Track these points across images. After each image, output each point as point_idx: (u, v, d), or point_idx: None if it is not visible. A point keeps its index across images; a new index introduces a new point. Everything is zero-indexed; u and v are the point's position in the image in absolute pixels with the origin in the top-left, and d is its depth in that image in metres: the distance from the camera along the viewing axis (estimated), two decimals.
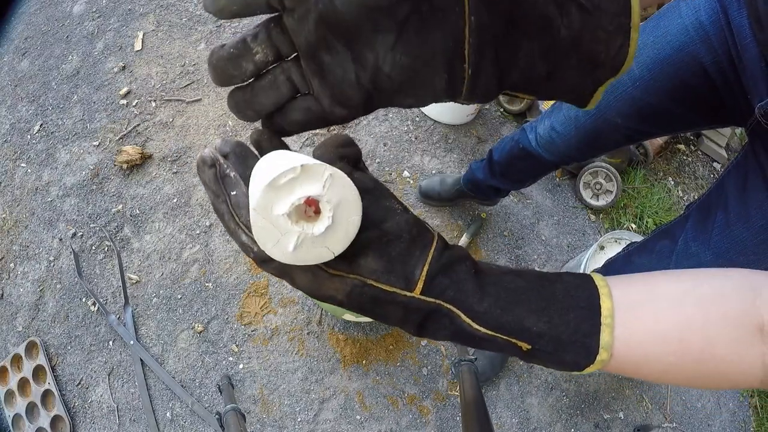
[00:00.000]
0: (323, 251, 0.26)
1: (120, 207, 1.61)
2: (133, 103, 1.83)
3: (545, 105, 1.69)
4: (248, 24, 2.07)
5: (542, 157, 1.03)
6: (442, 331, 0.30)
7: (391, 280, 0.28)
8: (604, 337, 0.29)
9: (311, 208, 0.26)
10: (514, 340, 0.30)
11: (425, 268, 0.29)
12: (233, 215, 0.28)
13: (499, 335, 0.30)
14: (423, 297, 0.29)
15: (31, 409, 1.35)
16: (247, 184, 0.29)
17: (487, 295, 0.30)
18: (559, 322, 0.29)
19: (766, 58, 0.54)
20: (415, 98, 0.29)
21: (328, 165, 0.25)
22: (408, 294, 0.29)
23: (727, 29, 0.60)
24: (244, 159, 0.30)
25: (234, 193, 0.28)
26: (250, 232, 0.27)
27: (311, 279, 0.28)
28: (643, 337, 0.30)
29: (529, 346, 0.30)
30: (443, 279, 0.29)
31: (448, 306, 0.29)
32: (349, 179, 0.26)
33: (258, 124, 0.32)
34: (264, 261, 0.28)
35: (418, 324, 0.30)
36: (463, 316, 0.29)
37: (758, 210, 0.60)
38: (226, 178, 0.29)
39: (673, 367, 0.30)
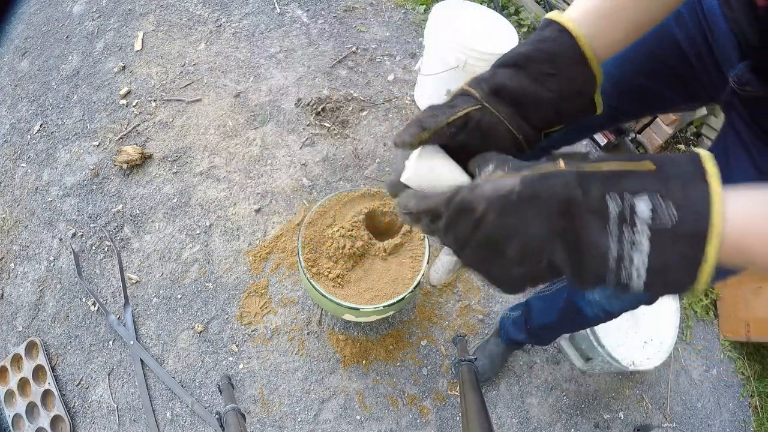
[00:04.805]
0: None
1: (120, 207, 1.61)
2: (133, 103, 1.83)
3: None
4: (255, 21, 2.07)
5: None
6: None
7: None
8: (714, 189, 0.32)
9: None
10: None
11: None
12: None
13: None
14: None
15: (31, 409, 1.35)
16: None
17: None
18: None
19: (736, 34, 0.58)
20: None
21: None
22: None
23: (699, 9, 0.65)
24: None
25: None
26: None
27: None
28: (754, 201, 0.34)
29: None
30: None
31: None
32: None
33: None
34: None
35: None
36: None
37: (740, 173, 0.63)
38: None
39: None
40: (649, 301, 0.87)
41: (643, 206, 0.32)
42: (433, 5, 1.90)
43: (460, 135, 0.43)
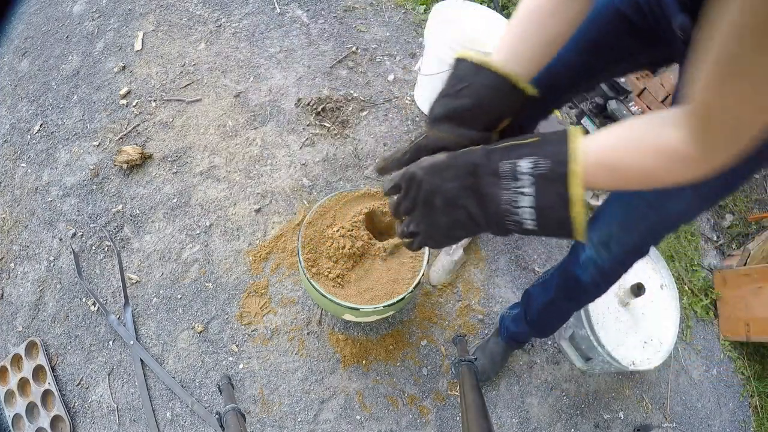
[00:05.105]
0: None
1: (120, 207, 1.61)
2: (133, 103, 1.83)
3: None
4: (257, 22, 2.07)
5: None
6: None
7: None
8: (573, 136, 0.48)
9: None
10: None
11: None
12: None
13: None
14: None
15: (31, 409, 1.35)
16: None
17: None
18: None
19: None
20: None
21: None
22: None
23: None
24: None
25: None
26: None
27: None
28: (605, 137, 0.49)
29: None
30: None
31: None
32: None
33: None
34: None
35: None
36: None
37: None
38: None
39: (629, 151, 0.48)
40: (637, 251, 0.87)
41: (525, 163, 0.48)
42: (433, 5, 1.90)
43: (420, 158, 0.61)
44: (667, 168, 0.47)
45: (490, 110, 0.61)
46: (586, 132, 0.51)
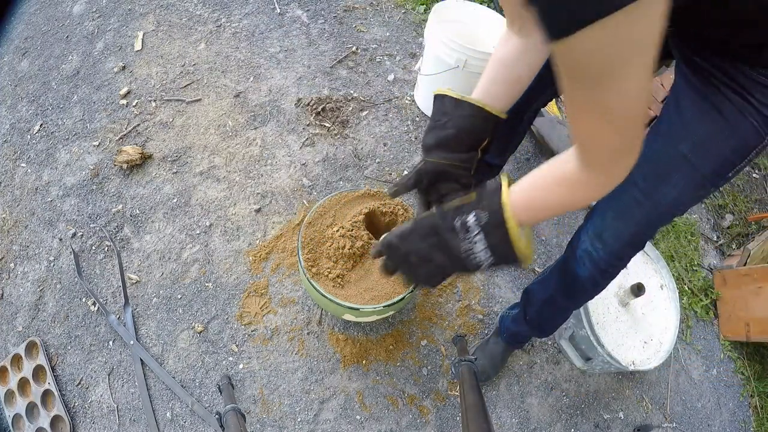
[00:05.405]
0: None
1: (120, 207, 1.61)
2: (133, 103, 1.83)
3: None
4: (256, 21, 2.07)
5: None
6: None
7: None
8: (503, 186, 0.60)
9: None
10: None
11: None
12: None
13: None
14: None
15: (31, 409, 1.35)
16: None
17: None
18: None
19: None
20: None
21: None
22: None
23: None
24: None
25: None
26: None
27: None
28: (525, 182, 0.60)
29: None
30: None
31: None
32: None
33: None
34: None
35: None
36: None
37: (690, 110, 0.75)
38: None
39: (543, 188, 0.59)
40: (633, 243, 0.88)
41: (471, 219, 0.59)
42: (433, 5, 1.90)
43: (423, 182, 0.77)
44: (571, 194, 0.57)
45: (471, 135, 0.75)
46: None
